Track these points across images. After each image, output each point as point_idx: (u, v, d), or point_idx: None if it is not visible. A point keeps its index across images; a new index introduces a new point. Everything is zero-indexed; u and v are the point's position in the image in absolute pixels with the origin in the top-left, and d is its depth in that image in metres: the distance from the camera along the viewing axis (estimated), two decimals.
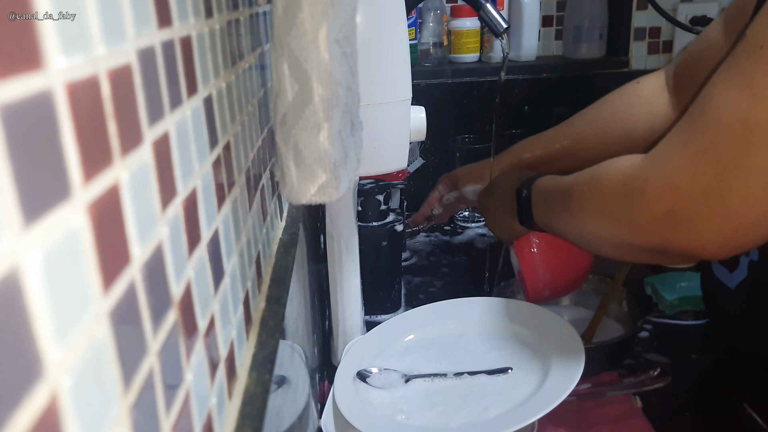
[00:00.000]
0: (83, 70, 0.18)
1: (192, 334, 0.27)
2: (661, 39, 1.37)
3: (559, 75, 1.32)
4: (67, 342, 0.16)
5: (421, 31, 1.32)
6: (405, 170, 1.11)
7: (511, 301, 0.80)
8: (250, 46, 0.46)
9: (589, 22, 1.32)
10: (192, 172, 0.29)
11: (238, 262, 0.38)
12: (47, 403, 0.15)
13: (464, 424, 0.60)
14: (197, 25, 0.31)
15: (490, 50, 1.32)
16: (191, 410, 0.27)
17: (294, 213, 0.62)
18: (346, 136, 0.38)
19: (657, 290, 0.95)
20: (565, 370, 0.63)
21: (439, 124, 1.20)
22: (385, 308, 0.95)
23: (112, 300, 0.19)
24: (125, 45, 0.21)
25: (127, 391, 0.20)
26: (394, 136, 0.65)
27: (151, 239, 0.23)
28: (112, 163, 0.20)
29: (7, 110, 0.14)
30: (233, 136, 0.38)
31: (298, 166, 0.36)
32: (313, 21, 0.33)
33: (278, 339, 0.40)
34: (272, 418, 0.37)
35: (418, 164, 1.26)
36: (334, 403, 0.65)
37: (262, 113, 0.50)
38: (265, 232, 0.49)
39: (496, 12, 0.85)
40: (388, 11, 0.61)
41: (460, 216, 1.29)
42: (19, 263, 0.14)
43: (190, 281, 0.28)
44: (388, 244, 0.92)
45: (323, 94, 0.34)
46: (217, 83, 0.35)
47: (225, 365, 0.33)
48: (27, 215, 0.15)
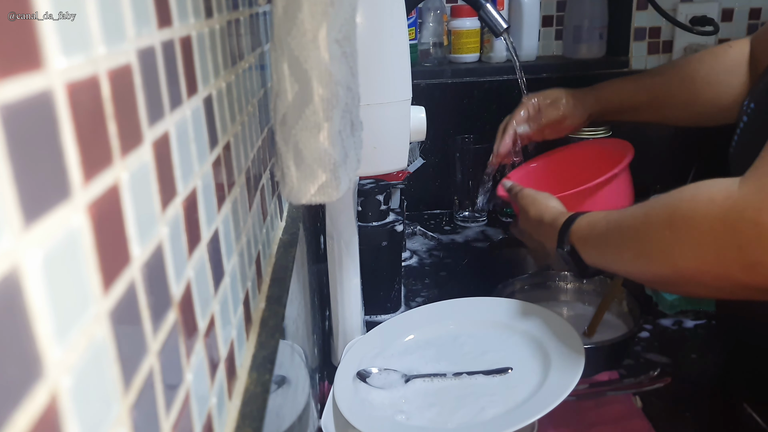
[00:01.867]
0: (83, 70, 0.18)
1: (192, 334, 0.27)
2: (661, 39, 1.37)
3: (559, 75, 1.32)
4: (67, 342, 0.16)
5: (421, 31, 1.32)
6: (405, 170, 1.11)
7: (511, 300, 0.80)
8: (250, 46, 0.46)
9: (589, 22, 1.32)
10: (192, 172, 0.29)
11: (238, 262, 0.38)
12: (47, 403, 0.15)
13: (463, 424, 0.60)
14: (197, 25, 0.31)
15: (490, 50, 1.32)
16: (191, 410, 0.27)
17: (294, 213, 0.62)
18: (346, 136, 0.38)
19: (657, 290, 0.95)
20: (565, 370, 0.63)
21: (439, 124, 1.20)
22: (385, 308, 0.95)
23: (112, 300, 0.19)
24: (125, 45, 0.21)
25: (127, 391, 0.20)
26: (394, 136, 0.65)
27: (151, 239, 0.23)
28: (112, 163, 0.20)
29: (7, 110, 0.14)
30: (233, 136, 0.38)
31: (298, 166, 0.36)
32: (313, 21, 0.33)
33: (278, 339, 0.40)
34: (272, 418, 0.37)
35: (418, 164, 1.26)
36: (334, 403, 0.65)
37: (262, 113, 0.50)
38: (265, 232, 0.49)
39: (496, 12, 0.85)
40: (388, 11, 0.61)
41: (460, 216, 1.29)
42: (19, 263, 0.14)
43: (190, 281, 0.28)
44: (388, 244, 0.92)
45: (323, 94, 0.34)
46: (217, 83, 0.35)
47: (225, 365, 0.33)
48: (27, 215, 0.15)
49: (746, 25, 1.37)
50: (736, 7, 1.35)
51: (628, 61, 1.37)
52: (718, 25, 1.30)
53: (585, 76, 1.35)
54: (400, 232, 0.92)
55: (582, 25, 1.33)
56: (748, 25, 1.37)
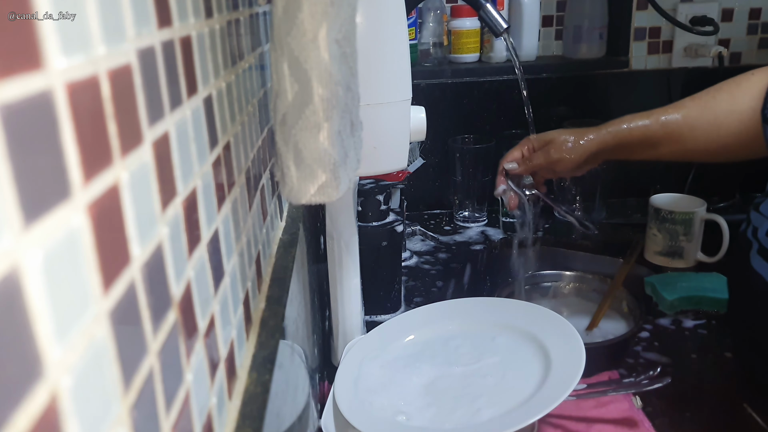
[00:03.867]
0: (83, 70, 0.18)
1: (192, 334, 0.27)
2: (661, 39, 1.37)
3: (559, 75, 1.32)
4: (67, 342, 0.16)
5: (421, 31, 1.32)
6: (405, 170, 1.11)
7: (512, 300, 0.80)
8: (250, 46, 0.46)
9: (589, 22, 1.32)
10: (192, 172, 0.29)
11: (238, 262, 0.38)
12: (47, 403, 0.15)
13: (463, 424, 0.60)
14: (197, 25, 0.31)
15: (490, 50, 1.32)
16: (191, 410, 0.27)
17: (294, 213, 0.62)
18: (346, 136, 0.38)
19: (657, 290, 0.95)
20: (566, 369, 0.63)
21: (439, 124, 1.20)
22: (385, 308, 0.95)
23: (112, 300, 0.19)
24: (125, 45, 0.21)
25: (127, 391, 0.20)
26: (394, 136, 0.65)
27: (151, 239, 0.23)
28: (112, 163, 0.20)
29: (7, 110, 0.14)
30: (233, 136, 0.38)
31: (298, 166, 0.36)
32: (313, 21, 0.33)
33: (278, 339, 0.40)
34: (272, 418, 0.37)
35: (418, 164, 1.26)
36: (334, 403, 0.65)
37: (262, 113, 0.50)
38: (265, 232, 0.49)
39: (496, 12, 0.85)
40: (388, 11, 0.61)
41: (460, 216, 1.29)
42: (19, 263, 0.14)
43: (190, 281, 0.28)
44: (388, 244, 0.92)
45: (323, 94, 0.34)
46: (217, 83, 0.35)
47: (225, 365, 0.33)
48: (27, 215, 0.15)
49: (746, 25, 1.37)
50: (736, 7, 1.35)
51: (628, 61, 1.37)
52: (718, 25, 1.30)
53: (585, 76, 1.35)
54: (400, 232, 0.93)
55: (582, 25, 1.33)
56: (748, 25, 1.37)
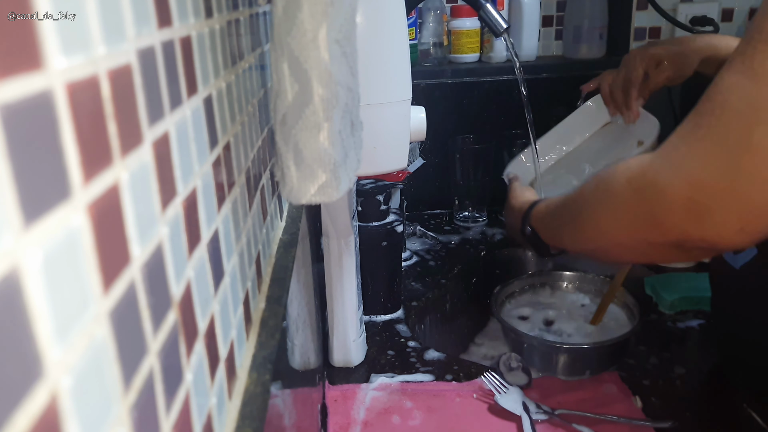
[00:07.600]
0: (83, 70, 0.18)
1: (192, 334, 0.27)
2: (661, 39, 1.37)
3: (559, 75, 1.32)
4: (67, 342, 0.16)
5: (421, 31, 1.32)
6: (405, 170, 1.11)
7: None
8: (250, 46, 0.46)
9: (589, 22, 1.32)
10: (192, 172, 0.29)
11: (238, 262, 0.38)
12: (47, 403, 0.15)
13: None
14: (197, 25, 0.31)
15: (490, 50, 1.32)
16: (191, 410, 0.27)
17: (294, 213, 0.62)
18: (346, 136, 0.38)
19: (657, 290, 0.95)
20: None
21: (439, 124, 1.20)
22: (385, 308, 0.95)
23: (112, 300, 0.19)
24: (125, 45, 0.21)
25: (127, 391, 0.20)
26: (394, 136, 0.65)
27: (151, 239, 0.23)
28: (112, 163, 0.20)
29: (7, 110, 0.14)
30: (233, 136, 0.38)
31: (298, 166, 0.36)
32: (313, 21, 0.33)
33: (278, 339, 0.40)
34: (272, 418, 0.37)
35: (418, 164, 1.26)
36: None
37: (262, 113, 0.50)
38: (265, 232, 0.49)
39: (496, 12, 0.85)
40: (388, 11, 0.61)
41: (460, 216, 1.29)
42: (19, 263, 0.14)
43: (190, 281, 0.28)
44: (387, 244, 0.92)
45: (323, 94, 0.34)
46: (217, 83, 0.35)
47: (225, 365, 0.33)
48: (27, 215, 0.15)
49: (746, 25, 1.37)
50: (736, 7, 1.35)
51: None
52: (718, 25, 1.30)
53: (585, 76, 1.35)
54: (400, 232, 0.92)
55: (582, 25, 1.33)
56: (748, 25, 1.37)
